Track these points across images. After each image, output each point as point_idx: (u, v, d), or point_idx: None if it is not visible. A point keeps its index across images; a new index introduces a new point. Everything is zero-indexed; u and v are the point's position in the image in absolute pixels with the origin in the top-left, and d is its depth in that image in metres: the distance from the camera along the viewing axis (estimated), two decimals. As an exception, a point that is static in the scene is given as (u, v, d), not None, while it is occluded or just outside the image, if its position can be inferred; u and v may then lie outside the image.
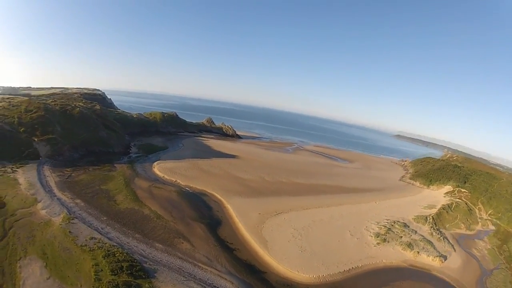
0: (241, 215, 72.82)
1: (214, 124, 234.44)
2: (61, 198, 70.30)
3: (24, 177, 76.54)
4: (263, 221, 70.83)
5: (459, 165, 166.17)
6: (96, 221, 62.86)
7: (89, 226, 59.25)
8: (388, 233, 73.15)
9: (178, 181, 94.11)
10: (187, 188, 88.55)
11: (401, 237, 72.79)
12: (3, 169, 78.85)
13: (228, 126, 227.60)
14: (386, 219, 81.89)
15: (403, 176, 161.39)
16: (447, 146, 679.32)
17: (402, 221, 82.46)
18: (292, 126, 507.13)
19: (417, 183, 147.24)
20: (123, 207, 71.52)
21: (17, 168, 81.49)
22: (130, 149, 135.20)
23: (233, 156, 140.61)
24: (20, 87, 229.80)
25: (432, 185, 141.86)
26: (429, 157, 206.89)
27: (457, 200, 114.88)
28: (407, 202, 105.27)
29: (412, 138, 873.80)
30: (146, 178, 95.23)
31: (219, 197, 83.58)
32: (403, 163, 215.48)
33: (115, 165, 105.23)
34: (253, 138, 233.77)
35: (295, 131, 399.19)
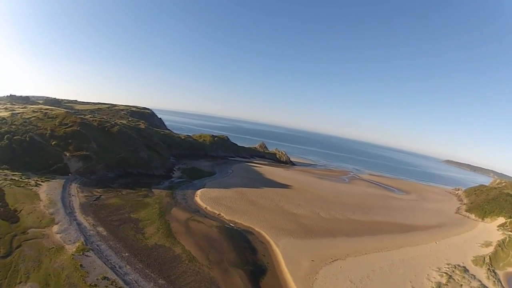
0: (290, 261, 70.99)
1: (267, 150, 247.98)
2: (82, 223, 70.16)
3: (47, 193, 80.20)
4: (316, 270, 69.34)
5: (511, 193, 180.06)
6: (116, 256, 59.60)
7: (105, 262, 56.17)
8: (449, 282, 76.20)
9: (221, 214, 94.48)
10: (231, 224, 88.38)
11: (461, 285, 75.91)
12: (26, 180, 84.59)
13: (281, 152, 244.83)
14: (447, 264, 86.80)
15: (458, 208, 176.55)
16: (493, 170, 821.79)
17: (462, 264, 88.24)
18: (345, 152, 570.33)
19: (473, 216, 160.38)
20: (151, 243, 68.24)
21: (42, 182, 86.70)
22: (173, 173, 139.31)
23: (286, 186, 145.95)
24: (64, 100, 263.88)
25: (486, 217, 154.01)
26: (482, 185, 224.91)
27: (509, 233, 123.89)
28: (465, 240, 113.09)
29: (460, 163, 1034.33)
30: (185, 208, 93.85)
31: (266, 237, 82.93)
32: (457, 192, 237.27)
33: (153, 190, 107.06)
34: (308, 165, 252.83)
35: (348, 157, 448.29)
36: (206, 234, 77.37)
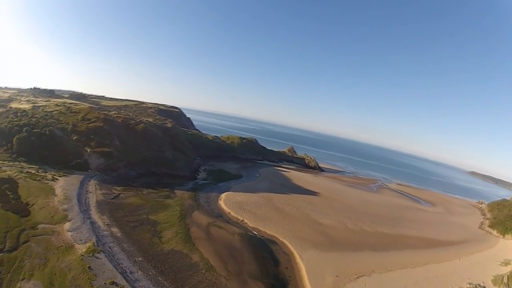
0: (314, 277, 69.68)
1: (296, 154, 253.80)
2: (96, 222, 69.10)
3: (63, 188, 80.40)
4: (339, 287, 68.76)
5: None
6: (128, 260, 57.54)
7: (115, 266, 54.13)
8: (471, 303, 78.84)
9: (245, 220, 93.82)
10: (254, 232, 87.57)
11: (481, 306, 79.16)
12: (43, 174, 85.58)
13: (310, 157, 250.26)
14: (469, 283, 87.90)
15: (481, 223, 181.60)
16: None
17: (482, 284, 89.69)
18: (373, 159, 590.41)
19: (495, 232, 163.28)
20: (168, 248, 65.99)
21: (59, 176, 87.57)
22: (198, 174, 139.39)
23: (313, 193, 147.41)
24: (91, 95, 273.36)
25: (507, 234, 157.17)
26: (505, 200, 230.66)
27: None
28: (486, 258, 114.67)
29: (484, 175, 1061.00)
30: (208, 213, 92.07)
31: (290, 248, 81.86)
32: (480, 205, 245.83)
33: (176, 191, 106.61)
34: (336, 172, 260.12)
35: (376, 165, 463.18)
36: (227, 241, 75.03)
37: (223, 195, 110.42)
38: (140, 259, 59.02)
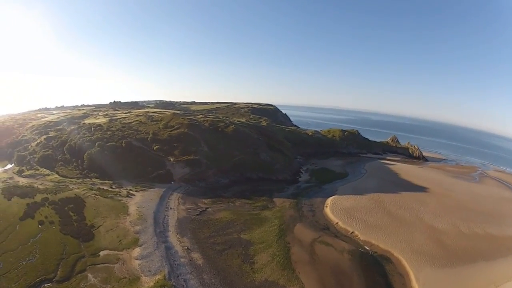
0: None
1: (399, 144, 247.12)
2: (173, 246, 59.98)
3: (138, 205, 74.30)
4: None
5: None
6: (206, 300, 45.97)
7: None
8: None
9: (355, 232, 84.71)
10: (366, 247, 78.72)
11: None
12: (116, 189, 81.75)
13: (414, 146, 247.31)
14: None
15: None
16: None
17: None
18: (469, 143, 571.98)
19: None
20: (260, 278, 54.25)
21: (136, 191, 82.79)
22: (300, 176, 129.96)
23: (422, 189, 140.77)
24: (179, 102, 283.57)
25: None
26: None
27: None
28: None
29: None
30: (312, 225, 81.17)
31: (406, 267, 72.65)
32: None
33: (274, 199, 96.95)
34: (439, 160, 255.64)
35: (473, 150, 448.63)
36: (335, 263, 63.54)
37: (329, 200, 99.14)
38: (222, 296, 47.48)
